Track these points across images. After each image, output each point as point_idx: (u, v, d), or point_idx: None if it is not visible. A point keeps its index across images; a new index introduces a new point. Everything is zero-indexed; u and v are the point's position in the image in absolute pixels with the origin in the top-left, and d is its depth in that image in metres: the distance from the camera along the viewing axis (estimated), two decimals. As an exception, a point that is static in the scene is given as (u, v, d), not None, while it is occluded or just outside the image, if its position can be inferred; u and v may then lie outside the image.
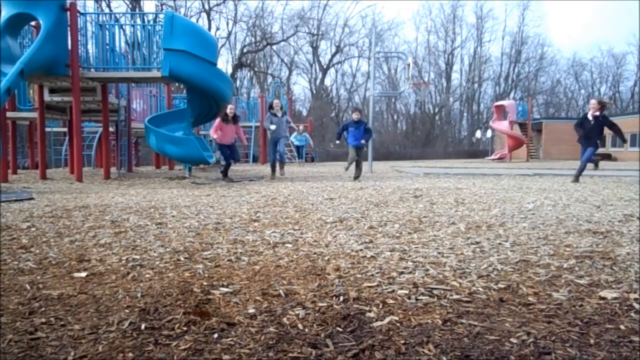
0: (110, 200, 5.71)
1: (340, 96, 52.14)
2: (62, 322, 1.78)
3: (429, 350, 1.52)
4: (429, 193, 6.26)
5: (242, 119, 17.92)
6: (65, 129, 14.92)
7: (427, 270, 2.47)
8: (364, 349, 1.54)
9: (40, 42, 8.08)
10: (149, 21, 26.47)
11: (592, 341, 1.60)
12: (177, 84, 14.93)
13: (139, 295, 2.09)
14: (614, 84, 54.31)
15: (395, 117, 55.41)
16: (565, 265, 2.55)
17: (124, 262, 2.69)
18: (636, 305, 1.92)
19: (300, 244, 3.16)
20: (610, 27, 73.52)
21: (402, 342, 1.59)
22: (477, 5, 61.87)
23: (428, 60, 53.53)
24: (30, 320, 1.80)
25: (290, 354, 1.51)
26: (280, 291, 2.13)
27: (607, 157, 31.39)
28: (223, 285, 2.23)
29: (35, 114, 11.16)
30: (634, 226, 3.71)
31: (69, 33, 8.71)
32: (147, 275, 2.42)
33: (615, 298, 2.02)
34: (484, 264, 2.58)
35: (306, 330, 1.70)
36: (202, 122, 11.77)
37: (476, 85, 54.38)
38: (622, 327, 1.71)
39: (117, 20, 17.25)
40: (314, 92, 50.27)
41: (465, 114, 56.13)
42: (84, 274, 2.44)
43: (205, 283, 2.27)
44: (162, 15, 9.88)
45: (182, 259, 2.75)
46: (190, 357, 1.49)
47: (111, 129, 12.91)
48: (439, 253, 2.85)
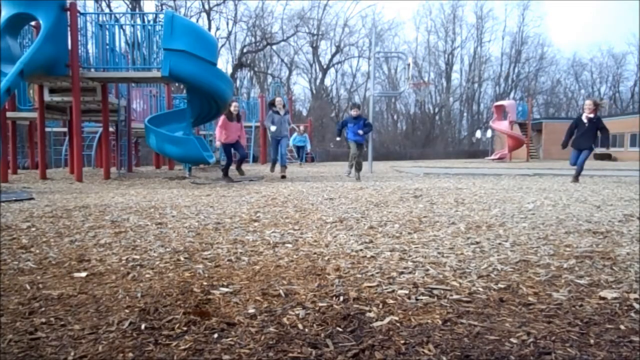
0: (110, 200, 5.71)
1: (340, 96, 52.21)
2: (62, 322, 1.78)
3: (429, 350, 1.52)
4: (429, 193, 6.26)
5: (242, 119, 17.87)
6: (65, 129, 14.93)
7: (427, 270, 2.47)
8: (364, 349, 1.54)
9: (40, 42, 8.08)
10: (149, 21, 26.48)
11: (592, 341, 1.60)
12: (177, 84, 14.92)
13: (139, 295, 2.09)
14: (614, 84, 54.41)
15: (395, 117, 55.47)
16: (565, 265, 2.55)
17: (124, 262, 2.69)
18: (636, 305, 1.92)
19: (300, 244, 3.16)
20: (610, 27, 73.69)
21: (402, 342, 1.59)
22: (477, 5, 62.03)
23: (428, 60, 53.62)
24: (30, 320, 1.80)
25: (290, 354, 1.51)
26: (280, 291, 2.13)
27: (607, 157, 31.39)
28: (223, 285, 2.23)
29: (35, 114, 11.16)
30: (634, 226, 3.71)
31: (69, 33, 8.71)
32: (147, 275, 2.42)
33: (615, 298, 2.02)
34: (484, 264, 2.58)
35: (306, 330, 1.70)
36: (202, 122, 11.77)
37: (476, 85, 54.43)
38: (622, 327, 1.71)
39: (117, 20, 17.26)
40: (314, 92, 50.31)
41: (465, 114, 56.20)
42: (84, 274, 2.44)
43: (205, 283, 2.27)
44: (162, 15, 9.88)
45: (182, 259, 2.75)
46: (190, 357, 1.49)
47: (111, 129, 12.91)
48: (439, 253, 2.85)
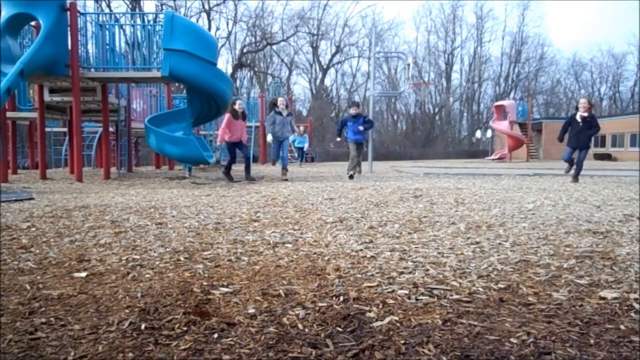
0: (110, 200, 5.71)
1: (340, 96, 52.21)
2: (62, 322, 1.78)
3: (429, 350, 1.52)
4: (429, 193, 6.26)
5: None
6: (65, 129, 14.92)
7: (427, 270, 2.47)
8: (364, 349, 1.54)
9: (40, 42, 8.08)
10: (149, 21, 26.48)
11: (592, 341, 1.60)
12: (177, 84, 14.92)
13: (139, 295, 2.09)
14: (614, 84, 54.42)
15: (395, 117, 55.47)
16: (565, 265, 2.55)
17: (124, 262, 2.69)
18: (636, 305, 1.92)
19: (300, 244, 3.16)
20: (610, 27, 73.72)
21: (402, 342, 1.59)
22: (477, 5, 62.04)
23: (428, 60, 53.62)
24: (30, 320, 1.80)
25: (290, 354, 1.51)
26: (280, 291, 2.13)
27: (607, 157, 31.40)
28: (223, 285, 2.23)
29: (35, 114, 11.16)
30: (634, 226, 3.71)
31: (69, 33, 8.71)
32: (147, 275, 2.42)
33: (615, 298, 2.02)
34: (484, 264, 2.58)
35: (306, 330, 1.70)
36: (202, 122, 11.76)
37: (476, 85, 54.43)
38: (622, 327, 1.71)
39: (117, 20, 17.26)
40: (314, 92, 50.31)
41: (465, 114, 56.21)
42: (84, 274, 2.44)
43: (205, 283, 2.27)
44: (162, 15, 9.88)
45: (182, 259, 2.75)
46: (190, 357, 1.49)
47: (111, 129, 12.91)
48: (439, 253, 2.85)
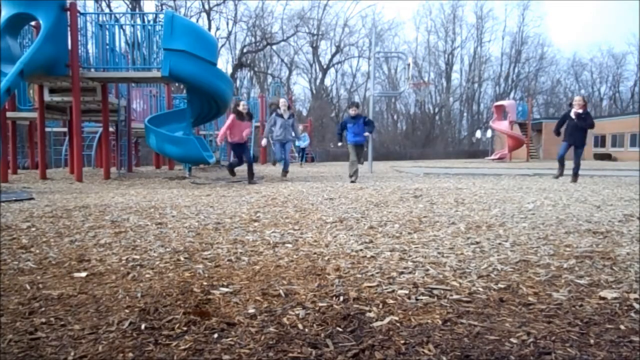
0: (110, 200, 5.71)
1: (340, 96, 52.21)
2: (62, 322, 1.78)
3: (429, 350, 1.52)
4: (429, 193, 6.26)
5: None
6: (65, 129, 14.92)
7: (427, 270, 2.47)
8: (364, 349, 1.54)
9: (40, 42, 8.08)
10: (149, 21, 26.48)
11: (592, 341, 1.60)
12: (177, 84, 14.92)
13: (139, 295, 2.09)
14: (614, 84, 54.42)
15: (395, 117, 55.47)
16: (565, 265, 2.55)
17: (124, 262, 2.69)
18: (636, 305, 1.92)
19: (300, 244, 3.16)
20: (610, 27, 73.68)
21: (402, 342, 1.59)
22: (477, 5, 62.02)
23: (428, 60, 53.61)
24: (30, 320, 1.80)
25: (290, 354, 1.51)
26: (280, 291, 2.13)
27: (607, 157, 31.40)
28: (223, 285, 2.23)
29: (35, 114, 11.16)
30: (634, 226, 3.71)
31: (69, 33, 8.71)
32: (147, 275, 2.42)
33: (615, 298, 2.02)
34: (484, 264, 2.58)
35: (306, 330, 1.70)
36: (202, 122, 11.77)
37: (476, 85, 54.42)
38: (622, 327, 1.71)
39: (117, 20, 17.26)
40: (314, 92, 50.31)
41: (465, 114, 56.20)
42: (84, 274, 2.44)
43: (205, 283, 2.27)
44: (162, 16, 9.88)
45: (182, 259, 2.75)
46: (190, 357, 1.49)
47: (111, 129, 12.91)
48: (439, 253, 2.85)
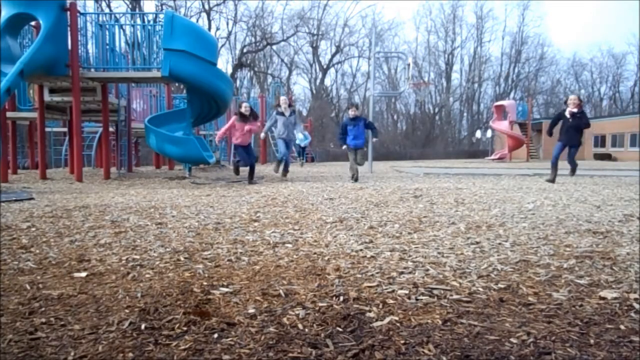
0: (110, 200, 5.71)
1: (340, 96, 52.23)
2: (62, 322, 1.78)
3: (429, 350, 1.52)
4: (429, 193, 6.26)
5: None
6: (65, 129, 14.93)
7: (427, 270, 2.47)
8: (364, 349, 1.54)
9: (40, 42, 8.08)
10: (149, 21, 26.48)
11: (592, 341, 1.59)
12: (177, 84, 14.92)
13: (139, 295, 2.09)
14: (614, 84, 54.44)
15: (395, 117, 55.49)
16: (565, 265, 2.55)
17: (124, 262, 2.69)
18: (636, 305, 1.92)
19: (300, 244, 3.16)
20: (610, 27, 73.73)
21: (402, 342, 1.59)
22: (477, 5, 62.05)
23: (428, 60, 53.64)
24: (30, 320, 1.80)
25: (290, 354, 1.51)
26: (280, 291, 2.13)
27: (607, 157, 31.40)
28: (223, 285, 2.23)
29: (35, 114, 11.16)
30: (634, 226, 3.71)
31: (69, 33, 8.71)
32: (147, 275, 2.42)
33: (615, 298, 2.02)
34: (484, 264, 2.58)
35: (306, 330, 1.70)
36: (202, 122, 11.77)
37: (476, 85, 54.44)
38: (622, 327, 1.71)
39: (117, 20, 17.25)
40: (314, 92, 50.32)
41: (465, 114, 56.22)
42: (84, 274, 2.44)
43: (205, 283, 2.27)
44: (162, 16, 9.88)
45: (182, 259, 2.75)
46: (190, 357, 1.49)
47: (111, 129, 12.92)
48: (439, 253, 2.85)
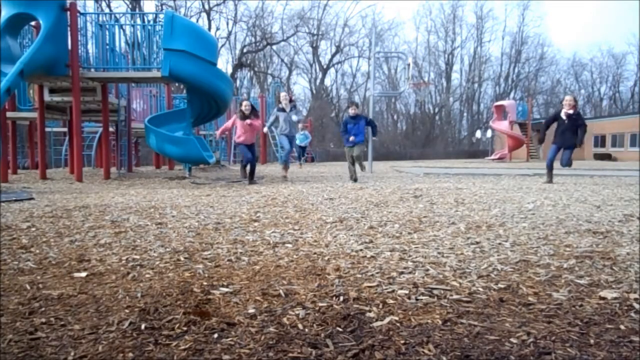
0: (110, 200, 5.71)
1: (340, 96, 52.20)
2: (62, 322, 1.78)
3: (429, 350, 1.52)
4: (429, 193, 6.26)
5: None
6: (65, 129, 14.92)
7: (427, 270, 2.47)
8: (364, 349, 1.54)
9: (40, 42, 8.08)
10: (149, 21, 26.46)
11: (592, 341, 1.59)
12: (177, 84, 14.92)
13: (139, 295, 2.09)
14: (614, 84, 54.44)
15: (395, 117, 55.47)
16: (565, 265, 2.55)
17: (124, 262, 2.69)
18: (636, 305, 1.92)
19: (300, 244, 3.16)
20: (610, 27, 73.74)
21: (402, 342, 1.59)
22: (477, 5, 62.05)
23: (428, 60, 53.62)
24: (30, 320, 1.80)
25: (290, 354, 1.51)
26: (280, 291, 2.13)
27: (607, 157, 31.40)
28: (223, 285, 2.23)
29: (35, 114, 11.16)
30: (634, 226, 3.71)
31: (69, 33, 8.71)
32: (147, 275, 2.42)
33: (615, 298, 2.02)
34: (484, 264, 2.58)
35: (306, 330, 1.70)
36: (202, 122, 11.77)
37: (476, 85, 54.44)
38: (622, 327, 1.71)
39: (117, 20, 17.25)
40: (314, 92, 50.30)
41: (465, 114, 56.22)
42: (84, 274, 2.44)
43: (205, 283, 2.27)
44: (162, 16, 9.88)
45: (182, 259, 2.75)
46: (190, 357, 1.49)
47: (111, 129, 12.91)
48: (439, 253, 2.85)
